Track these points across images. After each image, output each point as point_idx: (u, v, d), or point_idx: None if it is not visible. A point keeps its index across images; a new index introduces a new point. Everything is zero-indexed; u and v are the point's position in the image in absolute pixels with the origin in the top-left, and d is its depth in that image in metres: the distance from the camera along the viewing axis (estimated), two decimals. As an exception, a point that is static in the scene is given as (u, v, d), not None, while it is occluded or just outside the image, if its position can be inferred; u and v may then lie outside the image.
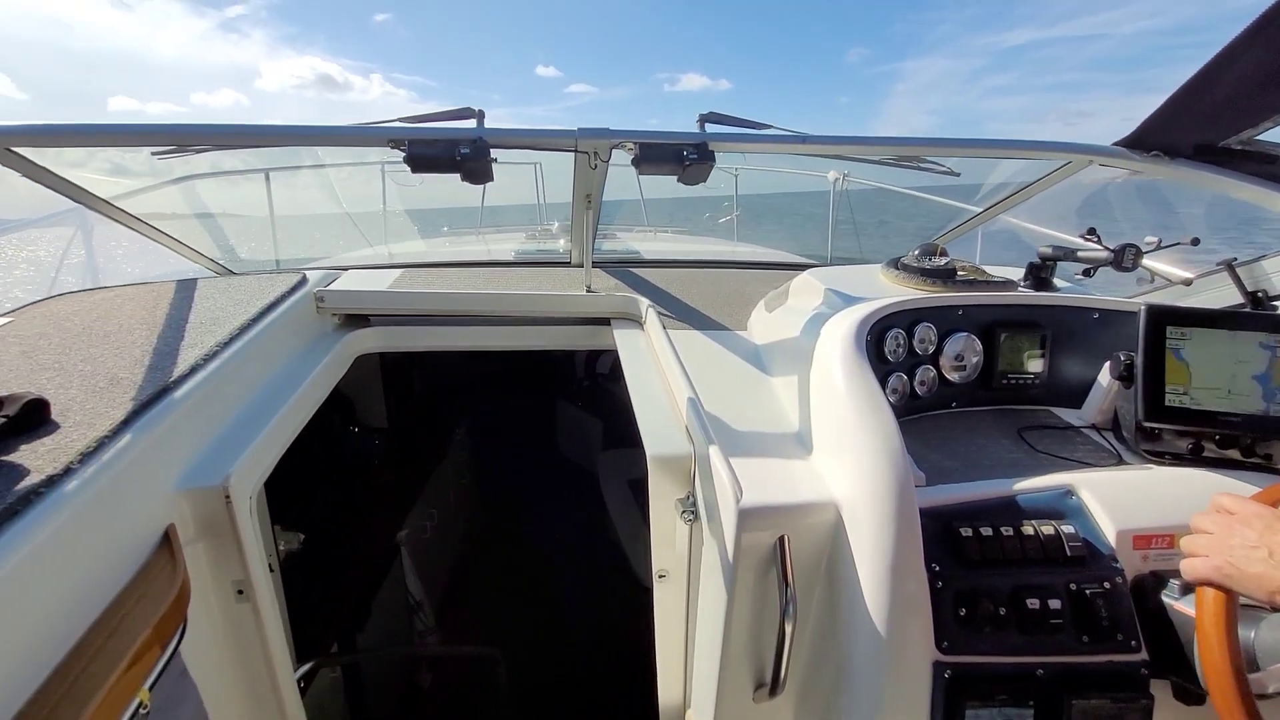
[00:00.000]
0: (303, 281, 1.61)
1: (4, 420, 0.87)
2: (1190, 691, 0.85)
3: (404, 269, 1.99)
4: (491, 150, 1.32)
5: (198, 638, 0.95)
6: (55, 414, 0.93)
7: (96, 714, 0.68)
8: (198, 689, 0.90)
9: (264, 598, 1.05)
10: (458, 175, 1.34)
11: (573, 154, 1.46)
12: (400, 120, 1.37)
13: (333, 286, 1.68)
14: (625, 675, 1.89)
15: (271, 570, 1.64)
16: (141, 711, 0.77)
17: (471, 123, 1.37)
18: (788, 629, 0.86)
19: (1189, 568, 0.74)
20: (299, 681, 1.64)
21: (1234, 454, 1.06)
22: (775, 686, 0.91)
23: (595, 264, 2.08)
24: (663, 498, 1.11)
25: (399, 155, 1.32)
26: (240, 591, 1.04)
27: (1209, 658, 0.69)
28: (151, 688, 0.80)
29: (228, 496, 0.98)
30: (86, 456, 0.83)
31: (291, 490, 1.82)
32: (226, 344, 1.22)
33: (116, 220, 1.81)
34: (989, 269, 1.45)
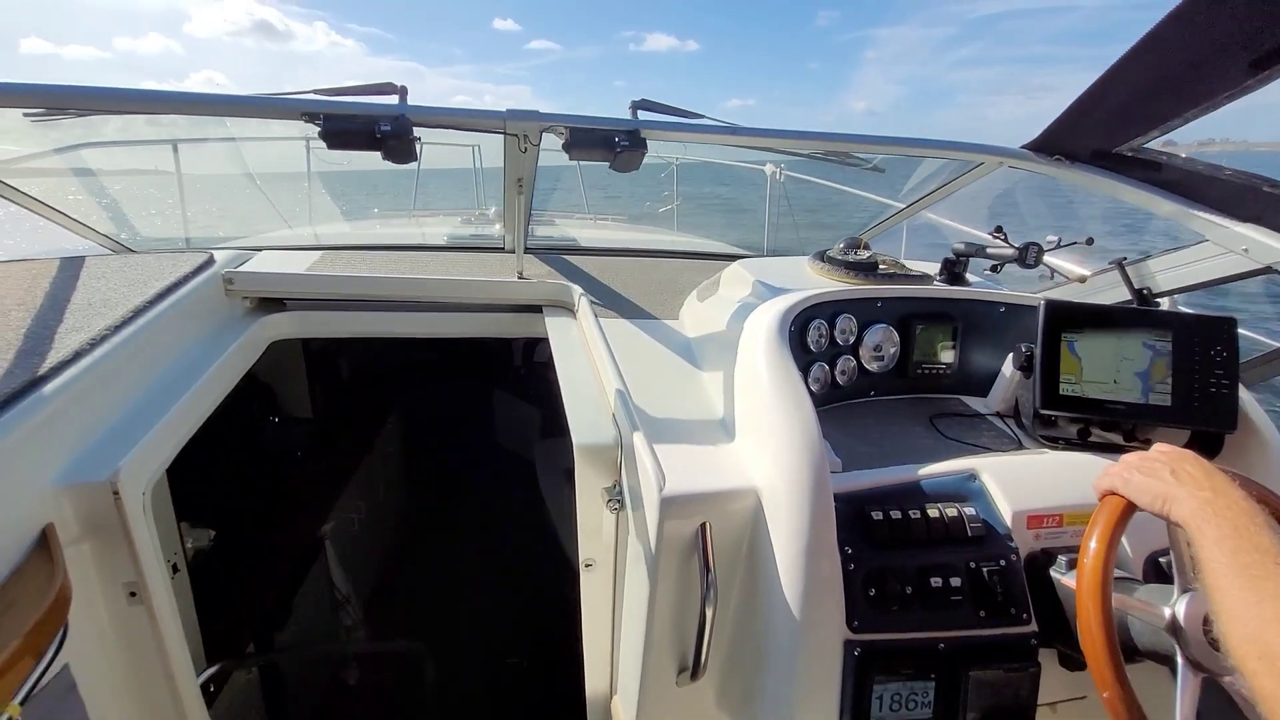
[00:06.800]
0: (209, 262, 1.50)
1: None
2: (1072, 658, 0.92)
3: (324, 251, 1.89)
4: (415, 129, 1.27)
5: (83, 645, 0.88)
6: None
7: None
8: (83, 700, 0.84)
9: (160, 600, 0.98)
10: (378, 154, 1.28)
11: (502, 135, 1.42)
12: (315, 92, 1.29)
13: (244, 268, 1.57)
14: (556, 664, 1.89)
15: (176, 570, 1.55)
16: None
17: (394, 99, 1.30)
18: (708, 614, 0.88)
19: (1097, 482, 0.82)
20: (209, 685, 1.56)
21: (1116, 438, 1.15)
22: (696, 670, 0.92)
23: (530, 250, 2.04)
24: (590, 487, 1.10)
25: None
26: (133, 594, 0.97)
27: (1085, 621, 0.75)
28: (24, 701, 0.73)
29: (116, 492, 0.91)
30: None
31: (201, 484, 1.70)
32: (118, 328, 1.13)
33: None
34: (910, 263, 1.51)
